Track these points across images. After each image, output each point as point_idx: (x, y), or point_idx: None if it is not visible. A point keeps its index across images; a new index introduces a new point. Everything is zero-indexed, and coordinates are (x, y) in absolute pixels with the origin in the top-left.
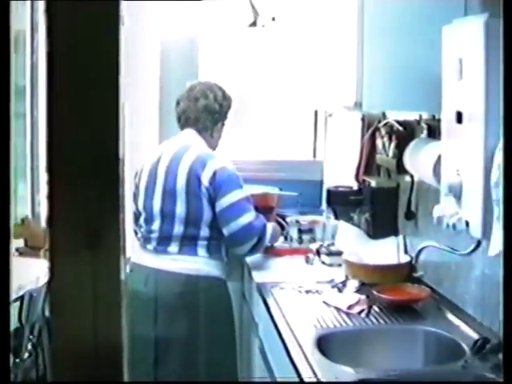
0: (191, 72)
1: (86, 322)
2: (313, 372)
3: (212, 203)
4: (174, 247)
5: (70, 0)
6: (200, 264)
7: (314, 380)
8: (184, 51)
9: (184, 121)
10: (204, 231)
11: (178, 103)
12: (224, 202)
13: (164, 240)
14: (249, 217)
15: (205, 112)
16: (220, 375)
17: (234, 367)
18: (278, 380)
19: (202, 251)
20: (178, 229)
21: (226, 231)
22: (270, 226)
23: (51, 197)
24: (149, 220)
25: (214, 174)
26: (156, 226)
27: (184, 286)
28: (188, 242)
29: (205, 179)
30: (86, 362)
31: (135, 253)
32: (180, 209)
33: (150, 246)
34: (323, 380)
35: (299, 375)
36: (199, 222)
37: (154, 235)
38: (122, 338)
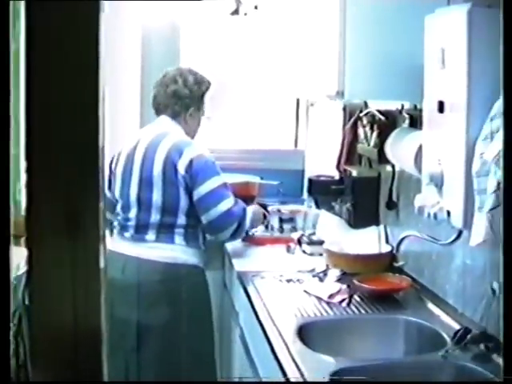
0: (172, 59)
1: (65, 310)
2: (293, 361)
3: (189, 191)
4: (151, 235)
5: None
6: (177, 252)
7: (295, 369)
8: (165, 38)
9: (156, 107)
10: (181, 219)
11: (152, 90)
12: (202, 190)
13: (141, 228)
14: (227, 203)
15: (174, 97)
16: (197, 363)
17: (212, 355)
18: (259, 370)
19: (179, 239)
20: (155, 217)
21: (204, 219)
22: (250, 210)
23: (30, 184)
24: (126, 208)
25: (191, 161)
26: (133, 213)
27: (161, 274)
28: (165, 230)
29: (181, 167)
30: (66, 349)
31: (112, 241)
32: (156, 197)
33: (127, 234)
34: (304, 369)
35: (280, 365)
36: (176, 210)
37: (131, 223)
38: (101, 325)
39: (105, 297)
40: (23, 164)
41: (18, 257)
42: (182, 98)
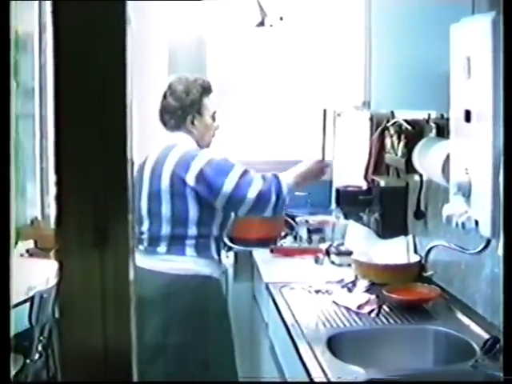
0: (199, 72)
1: (95, 323)
2: (323, 372)
3: (202, 201)
4: (162, 247)
5: (76, 0)
6: (188, 263)
7: (325, 380)
8: (192, 51)
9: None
10: (192, 230)
11: None
12: (227, 190)
13: (153, 241)
14: (256, 187)
15: (167, 113)
16: (215, 373)
17: (231, 365)
18: (289, 380)
19: (190, 250)
20: (166, 229)
21: (240, 212)
22: (285, 179)
23: (59, 198)
24: (139, 221)
25: (201, 171)
26: (145, 227)
27: (173, 286)
28: (176, 242)
29: (190, 180)
30: (96, 362)
31: None
32: (165, 210)
33: (141, 247)
34: (334, 380)
35: (309, 375)
36: (185, 221)
37: (144, 236)
38: (131, 338)
39: (134, 309)
40: (52, 178)
41: (48, 270)
42: (174, 111)
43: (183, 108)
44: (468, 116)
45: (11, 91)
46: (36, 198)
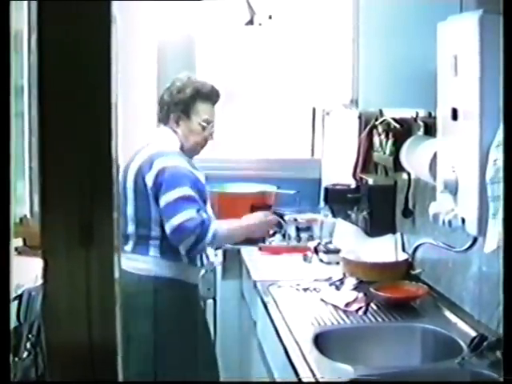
0: (188, 70)
1: (80, 321)
2: (310, 370)
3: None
4: (128, 246)
5: (61, 0)
6: (150, 264)
7: (312, 378)
8: (181, 50)
9: None
10: (155, 231)
11: None
12: (162, 201)
13: (123, 238)
14: (183, 216)
15: (158, 105)
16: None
17: (207, 371)
18: (277, 379)
19: (153, 251)
20: (131, 228)
21: (166, 230)
22: (215, 226)
23: (44, 197)
24: None
25: (157, 173)
26: None
27: (135, 286)
28: (140, 242)
29: (149, 180)
30: (81, 360)
31: None
32: (130, 209)
33: None
34: (320, 378)
35: (297, 373)
36: (148, 222)
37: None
38: (116, 335)
39: (120, 306)
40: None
41: (36, 268)
42: (163, 106)
43: (169, 104)
44: (455, 114)
45: (11, 90)
46: (25, 195)
